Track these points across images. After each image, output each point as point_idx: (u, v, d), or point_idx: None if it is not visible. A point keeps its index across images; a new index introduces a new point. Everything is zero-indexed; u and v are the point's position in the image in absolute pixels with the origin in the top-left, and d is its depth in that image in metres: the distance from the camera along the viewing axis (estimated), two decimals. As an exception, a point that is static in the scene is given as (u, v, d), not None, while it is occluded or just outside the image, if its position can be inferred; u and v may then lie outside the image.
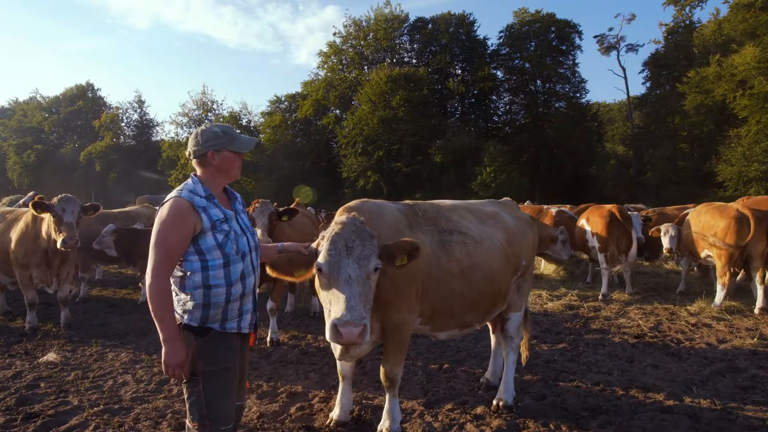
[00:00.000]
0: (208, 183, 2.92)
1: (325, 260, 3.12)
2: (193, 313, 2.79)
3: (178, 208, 2.74)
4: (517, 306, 4.83)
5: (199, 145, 2.90)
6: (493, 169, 41.27)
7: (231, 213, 2.94)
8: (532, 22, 51.15)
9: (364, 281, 3.09)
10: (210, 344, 2.82)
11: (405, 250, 3.30)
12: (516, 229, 4.79)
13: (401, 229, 3.91)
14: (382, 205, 4.10)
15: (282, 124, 57.17)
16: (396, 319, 3.77)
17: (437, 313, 4.11)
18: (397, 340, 3.86)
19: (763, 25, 38.74)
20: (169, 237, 2.71)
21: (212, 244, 2.80)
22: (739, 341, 6.60)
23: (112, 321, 8.27)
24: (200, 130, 2.95)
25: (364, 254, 3.11)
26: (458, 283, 4.07)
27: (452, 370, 5.74)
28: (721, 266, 8.45)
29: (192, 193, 2.83)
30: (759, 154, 34.35)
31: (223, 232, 2.83)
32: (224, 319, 2.86)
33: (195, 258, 2.79)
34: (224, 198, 3.05)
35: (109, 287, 11.59)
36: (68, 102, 74.11)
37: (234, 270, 2.86)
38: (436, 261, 3.98)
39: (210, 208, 2.83)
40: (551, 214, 12.24)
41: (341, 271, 3.05)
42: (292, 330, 7.54)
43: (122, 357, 6.33)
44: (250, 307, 3.03)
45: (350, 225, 3.22)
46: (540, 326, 7.60)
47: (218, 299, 2.81)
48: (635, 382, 5.22)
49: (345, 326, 2.88)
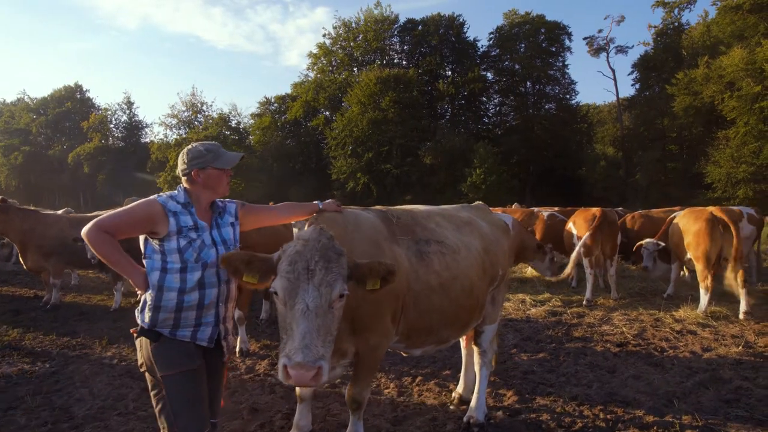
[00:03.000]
0: (193, 195, 2.99)
1: (280, 283, 2.70)
2: (146, 314, 2.83)
3: (148, 204, 2.87)
4: (491, 318, 4.59)
5: (185, 164, 2.99)
6: (483, 171, 41.17)
7: (204, 224, 2.96)
8: (522, 23, 51.23)
9: (326, 312, 2.64)
10: (162, 348, 2.81)
11: (379, 274, 2.86)
12: (492, 236, 4.55)
13: (380, 242, 3.56)
14: (358, 215, 3.74)
15: (272, 125, 56.89)
16: (372, 342, 3.46)
17: (415, 330, 3.80)
18: (370, 364, 3.58)
19: (750, 27, 38.92)
20: (126, 215, 2.83)
21: (173, 248, 2.83)
22: (724, 349, 6.40)
23: (79, 330, 7.96)
24: (186, 149, 3.05)
25: (327, 279, 2.67)
26: (437, 297, 3.78)
27: (425, 383, 5.49)
28: (701, 270, 8.30)
29: (170, 198, 2.92)
30: (747, 156, 34.46)
31: (188, 239, 2.86)
32: (175, 326, 2.84)
33: (158, 257, 2.84)
34: (207, 210, 3.07)
35: (84, 293, 11.26)
36: (56, 103, 73.52)
37: (190, 277, 2.84)
38: (414, 274, 3.67)
39: (182, 214, 2.89)
40: (542, 218, 12.03)
41: (298, 299, 2.62)
42: (264, 339, 7.26)
43: (83, 369, 6.03)
44: (212, 321, 2.94)
45: (315, 242, 2.78)
46: (521, 334, 7.37)
47: (168, 304, 2.80)
48: (615, 395, 5.00)
49: (295, 368, 2.48)
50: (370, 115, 44.96)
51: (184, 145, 31.91)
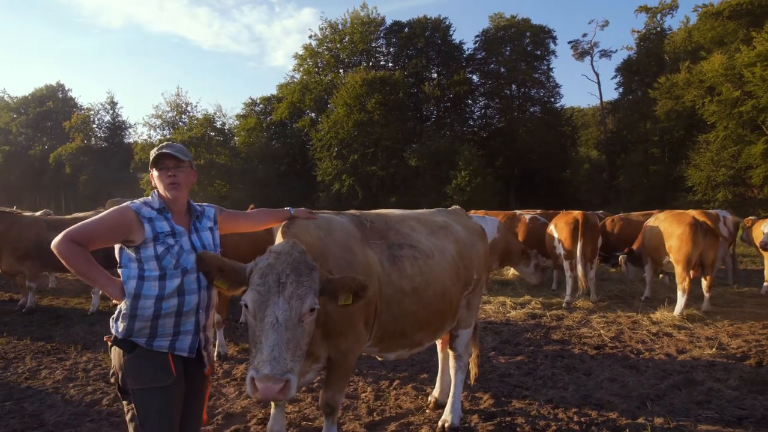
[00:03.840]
0: (166, 200, 2.89)
1: (251, 296, 2.67)
2: (120, 323, 2.72)
3: (121, 212, 2.77)
4: (466, 322, 4.60)
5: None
6: (468, 173, 41.29)
7: (182, 229, 2.87)
8: (508, 27, 51.51)
9: (295, 325, 2.61)
10: (137, 361, 2.70)
11: (351, 289, 2.84)
12: (467, 240, 4.56)
13: (353, 246, 3.56)
14: (330, 219, 3.72)
15: (257, 126, 56.63)
16: (344, 346, 3.45)
17: (388, 334, 3.81)
18: (343, 368, 3.56)
19: (730, 33, 39.59)
20: (98, 224, 2.72)
21: (150, 255, 2.74)
22: (698, 351, 6.49)
23: (55, 334, 7.86)
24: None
25: (298, 293, 2.65)
26: (410, 301, 3.78)
27: (402, 386, 5.50)
28: (680, 272, 8.42)
29: (143, 204, 2.83)
30: (726, 159, 34.99)
31: (165, 245, 2.77)
32: (152, 336, 2.72)
33: (135, 265, 2.74)
34: (184, 215, 2.98)
35: (61, 296, 11.13)
36: (37, 102, 72.61)
37: (169, 284, 2.75)
38: (387, 279, 3.67)
39: (158, 220, 2.80)
40: (524, 221, 12.10)
41: (268, 312, 2.59)
42: (243, 342, 7.20)
43: (56, 375, 5.95)
44: (191, 329, 2.84)
45: (287, 255, 2.75)
46: (500, 337, 7.41)
47: (145, 312, 2.70)
48: (590, 398, 5.04)
49: (263, 381, 2.44)
50: (356, 117, 44.91)
51: (166, 146, 31.66)
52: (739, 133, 34.68)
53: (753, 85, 32.55)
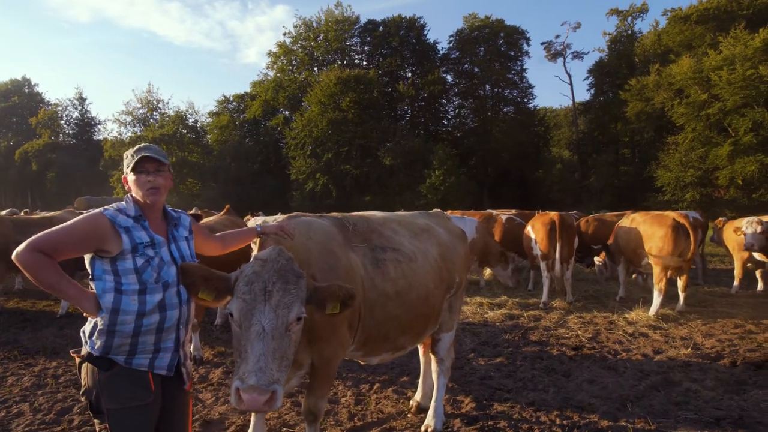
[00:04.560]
0: (142, 206, 2.71)
1: (236, 305, 2.59)
2: (97, 340, 2.51)
3: (93, 220, 2.55)
4: (448, 326, 4.56)
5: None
6: (442, 173, 41.47)
7: (161, 239, 2.70)
8: (482, 27, 51.86)
9: (282, 334, 2.54)
10: (115, 379, 2.52)
11: (338, 298, 2.80)
12: (449, 243, 4.53)
13: (335, 249, 3.48)
14: (311, 222, 3.64)
15: (230, 124, 55.97)
16: (327, 352, 3.39)
17: (371, 339, 3.75)
18: (325, 374, 3.49)
19: (698, 37, 40.56)
20: (67, 232, 2.49)
21: (129, 268, 2.54)
22: (674, 351, 6.57)
23: (22, 338, 7.59)
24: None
25: (284, 301, 2.58)
26: (393, 305, 3.73)
27: (383, 390, 5.44)
28: (659, 273, 8.53)
29: (118, 212, 2.63)
30: (694, 161, 35.81)
31: (145, 257, 2.59)
32: (131, 353, 2.55)
33: (110, 278, 2.53)
34: (161, 222, 2.80)
35: (28, 298, 10.78)
36: (2, 97, 70.50)
37: (150, 299, 2.57)
38: (370, 282, 3.61)
39: (135, 229, 2.61)
40: (501, 221, 12.14)
41: (254, 321, 2.51)
42: (219, 346, 7.07)
43: (24, 381, 5.73)
44: (171, 346, 2.68)
45: (273, 263, 2.66)
46: (479, 338, 7.41)
47: (124, 328, 2.52)
48: (571, 400, 5.05)
49: (248, 392, 2.37)
50: (330, 116, 44.69)
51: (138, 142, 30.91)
52: (707, 134, 35.51)
53: (719, 89, 33.38)
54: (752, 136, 32.50)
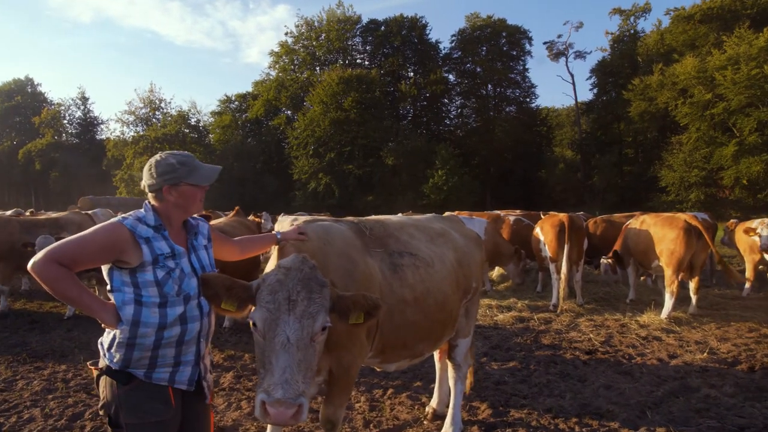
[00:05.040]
0: (163, 214, 2.61)
1: (260, 314, 2.50)
2: (116, 353, 2.43)
3: (113, 230, 2.44)
4: (465, 331, 4.48)
5: (153, 179, 2.57)
6: (444, 172, 41.44)
7: (182, 250, 2.60)
8: (484, 27, 51.80)
9: (307, 345, 2.46)
10: (134, 394, 2.45)
11: (363, 308, 2.69)
12: (466, 248, 4.44)
13: (353, 255, 3.39)
14: (329, 227, 3.53)
15: (232, 124, 55.99)
16: (346, 360, 3.29)
17: (389, 346, 3.66)
18: (344, 382, 3.38)
19: (701, 36, 40.45)
20: (86, 243, 2.39)
21: (149, 280, 2.45)
22: (689, 356, 6.48)
23: (30, 340, 7.51)
24: (154, 161, 2.60)
25: (309, 311, 2.49)
26: (411, 311, 3.64)
27: (397, 395, 5.35)
28: (670, 275, 8.44)
29: (138, 221, 2.51)
30: (699, 161, 35.72)
31: (166, 269, 2.49)
32: (151, 367, 2.47)
33: (129, 290, 2.45)
34: (181, 231, 2.71)
35: (35, 299, 10.71)
36: (5, 97, 70.65)
37: (171, 312, 2.49)
38: (388, 288, 3.52)
39: (156, 240, 2.51)
40: (509, 222, 12.05)
41: (278, 331, 2.43)
42: (228, 349, 6.99)
43: (34, 385, 5.65)
44: (192, 359, 2.60)
45: (297, 271, 2.57)
46: (490, 342, 7.32)
47: (145, 341, 2.44)
48: (588, 406, 4.96)
49: (274, 406, 2.28)
50: (332, 115, 44.65)
51: (141, 142, 31.10)
52: (711, 134, 35.42)
53: (724, 88, 33.30)
54: (757, 136, 32.46)
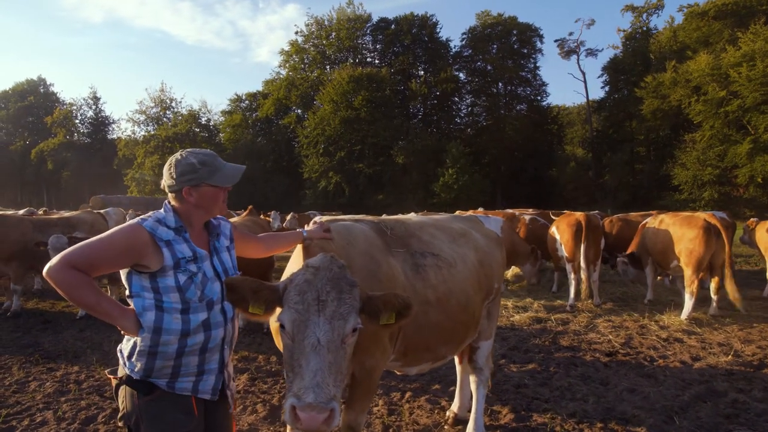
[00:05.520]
0: (184, 215, 2.50)
1: (288, 315, 2.38)
2: (137, 362, 2.34)
3: (132, 232, 2.33)
4: (487, 333, 4.36)
5: (173, 180, 2.46)
6: (455, 171, 41.29)
7: (204, 252, 2.50)
8: (495, 24, 51.56)
9: (338, 347, 2.34)
10: (156, 404, 2.35)
11: (394, 307, 2.54)
12: (487, 248, 4.33)
13: (376, 255, 3.29)
14: (351, 227, 3.43)
15: (242, 123, 56.14)
16: (369, 364, 3.16)
17: (412, 348, 3.55)
18: (366, 387, 3.26)
19: (715, 33, 39.97)
20: (104, 247, 2.29)
21: (171, 286, 2.35)
22: (713, 358, 6.33)
23: (43, 341, 7.48)
24: (174, 160, 2.49)
25: (340, 312, 2.37)
26: (435, 312, 3.52)
27: (415, 399, 5.25)
28: (690, 275, 8.28)
29: (158, 223, 2.41)
30: (712, 159, 35.32)
31: (188, 273, 2.39)
32: (174, 375, 2.38)
33: (150, 295, 2.35)
34: (202, 233, 2.61)
35: (47, 299, 10.70)
36: (18, 97, 71.30)
37: (194, 318, 2.40)
38: (411, 289, 3.40)
39: (177, 242, 2.41)
40: (524, 222, 11.91)
41: (308, 333, 2.31)
42: (241, 350, 6.90)
43: (47, 387, 5.60)
44: (216, 367, 2.51)
45: (326, 271, 2.46)
46: (507, 343, 7.19)
47: (167, 348, 2.34)
48: (613, 411, 4.83)
49: (305, 410, 2.15)
50: (343, 114, 44.63)
51: (152, 142, 31.19)
52: (725, 132, 35.04)
53: (739, 85, 32.90)
54: (772, 134, 32.04)
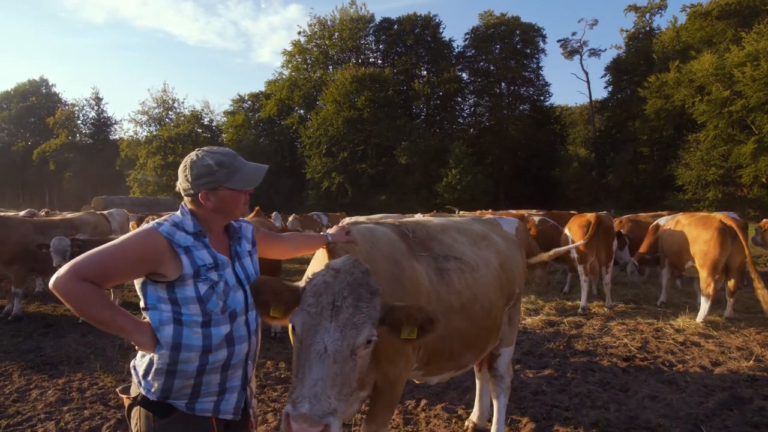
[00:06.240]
0: (202, 219, 2.31)
1: (300, 317, 2.24)
2: (154, 381, 2.15)
3: (147, 239, 2.13)
4: (508, 340, 4.20)
5: (188, 183, 2.26)
6: (458, 171, 41.16)
7: (225, 259, 2.31)
8: (498, 24, 51.45)
9: (346, 358, 2.17)
10: (174, 427, 2.17)
11: (417, 321, 2.35)
12: (507, 251, 4.16)
13: (400, 259, 3.13)
14: (374, 230, 3.28)
15: (245, 123, 56.05)
16: (392, 374, 3.00)
17: (435, 356, 3.38)
18: (389, 398, 3.09)
19: (719, 33, 39.79)
20: (117, 255, 2.08)
21: (191, 296, 2.16)
22: (734, 363, 6.16)
23: (45, 346, 7.30)
24: (189, 161, 2.29)
25: (354, 320, 2.20)
26: (458, 318, 3.36)
27: (431, 407, 5.08)
28: (705, 277, 8.11)
29: (176, 228, 2.21)
30: (716, 159, 35.15)
31: (209, 282, 2.20)
32: (194, 396, 2.19)
33: (167, 307, 2.16)
34: (222, 237, 2.41)
35: (49, 302, 10.54)
36: (20, 98, 71.26)
37: (216, 332, 2.20)
38: (436, 294, 3.24)
39: (196, 248, 2.21)
40: (533, 222, 11.74)
41: (316, 338, 2.16)
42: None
43: (49, 395, 5.42)
44: (238, 384, 2.33)
45: (347, 274, 2.31)
46: (521, 347, 7.03)
47: (187, 366, 2.15)
48: (636, 419, 4.66)
49: (298, 421, 2.01)
50: (346, 114, 44.52)
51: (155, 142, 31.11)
52: (729, 132, 34.88)
53: (743, 85, 32.74)
54: (777, 134, 31.86)
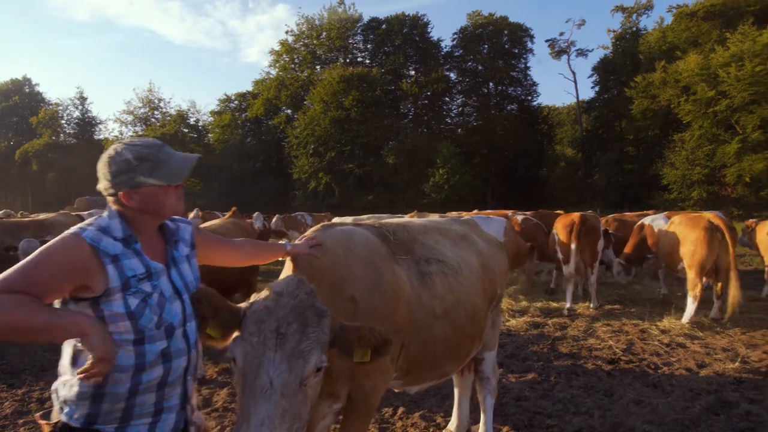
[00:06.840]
0: (131, 221, 2.02)
1: (241, 348, 1.99)
2: (76, 407, 1.87)
3: (69, 247, 1.83)
4: (492, 343, 4.05)
5: (107, 181, 1.99)
6: (445, 171, 41.12)
7: (160, 266, 2.03)
8: (486, 24, 51.46)
9: (295, 391, 1.93)
10: None
11: (369, 343, 2.15)
12: (488, 252, 4.01)
13: (379, 263, 2.94)
14: (351, 232, 3.08)
15: (232, 123, 55.66)
16: (368, 387, 2.82)
17: (416, 366, 3.19)
18: (364, 410, 2.91)
19: (704, 34, 40.06)
20: (42, 266, 1.77)
21: (119, 312, 1.87)
22: (719, 365, 6.05)
23: (7, 354, 6.95)
24: (107, 157, 2.00)
25: (301, 348, 1.97)
26: (441, 325, 3.19)
27: (409, 415, 4.91)
28: (693, 278, 8.02)
29: (102, 233, 1.92)
30: (701, 158, 35.39)
31: (140, 294, 1.92)
32: (125, 419, 1.92)
33: None
34: (156, 240, 2.13)
35: (22, 305, 10.22)
36: (2, 97, 70.06)
37: (151, 349, 1.94)
38: (417, 300, 3.07)
39: (125, 257, 1.93)
40: (517, 221, 11.63)
41: (260, 372, 1.91)
42: (224, 362, 6.50)
43: (5, 407, 5.14)
44: (177, 404, 2.07)
45: (290, 297, 2.07)
46: (505, 350, 6.87)
47: (117, 388, 1.89)
48: (621, 426, 4.52)
49: None
50: (333, 114, 44.32)
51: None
52: (714, 132, 35.11)
53: (727, 85, 32.95)
54: (760, 134, 32.15)
